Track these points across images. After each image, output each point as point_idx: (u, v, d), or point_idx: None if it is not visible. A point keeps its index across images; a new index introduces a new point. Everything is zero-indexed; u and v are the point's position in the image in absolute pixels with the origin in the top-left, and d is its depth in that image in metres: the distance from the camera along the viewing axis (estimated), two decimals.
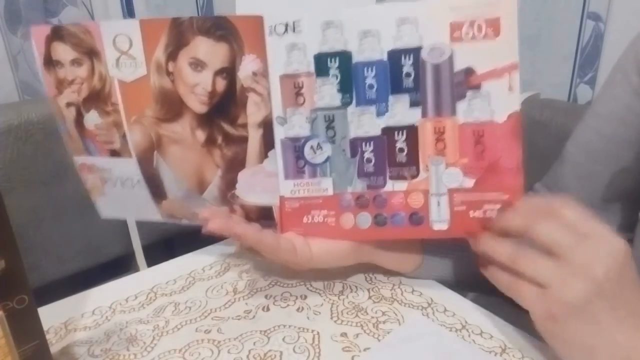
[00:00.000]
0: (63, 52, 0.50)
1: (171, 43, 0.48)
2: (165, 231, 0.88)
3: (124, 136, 0.51)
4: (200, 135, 0.50)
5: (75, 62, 0.51)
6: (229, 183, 0.50)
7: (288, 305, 0.51)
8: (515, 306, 0.40)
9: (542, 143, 0.73)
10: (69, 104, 0.53)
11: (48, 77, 0.52)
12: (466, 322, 0.48)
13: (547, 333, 0.38)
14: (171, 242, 0.94)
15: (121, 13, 0.93)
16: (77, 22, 0.51)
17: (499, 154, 0.43)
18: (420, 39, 0.43)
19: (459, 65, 0.43)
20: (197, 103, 0.49)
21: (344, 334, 0.46)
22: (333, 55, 0.46)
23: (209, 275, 0.56)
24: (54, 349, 0.46)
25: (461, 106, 0.44)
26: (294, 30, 0.46)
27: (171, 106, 0.50)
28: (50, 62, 0.51)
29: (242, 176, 0.50)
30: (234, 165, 0.50)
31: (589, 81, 0.97)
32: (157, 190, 0.52)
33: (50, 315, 0.49)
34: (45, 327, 0.38)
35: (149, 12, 0.95)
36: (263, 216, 0.49)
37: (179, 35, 0.48)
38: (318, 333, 0.47)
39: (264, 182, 0.49)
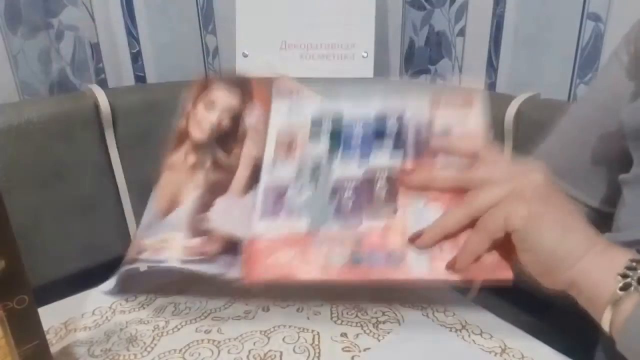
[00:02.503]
0: None
1: (197, 94, 0.56)
2: None
3: None
4: (191, 158, 0.51)
5: None
6: (204, 205, 0.48)
7: (288, 305, 0.51)
8: (516, 306, 0.40)
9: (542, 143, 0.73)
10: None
11: None
12: (466, 322, 0.48)
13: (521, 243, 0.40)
14: None
15: (121, 13, 0.93)
16: None
17: None
18: (404, 109, 0.52)
19: (439, 127, 0.50)
20: (199, 132, 0.52)
21: (344, 334, 0.46)
22: (327, 117, 0.53)
23: None
24: (54, 349, 0.46)
25: (440, 159, 0.48)
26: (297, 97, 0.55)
27: (179, 137, 0.53)
28: None
29: (220, 201, 0.48)
30: (215, 190, 0.49)
31: (589, 81, 0.97)
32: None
33: (51, 315, 0.48)
34: (45, 327, 0.38)
35: (149, 13, 0.94)
36: (226, 250, 0.46)
37: (203, 85, 0.56)
38: (318, 333, 0.47)
39: (240, 214, 0.47)
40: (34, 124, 0.73)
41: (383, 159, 0.49)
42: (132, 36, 0.95)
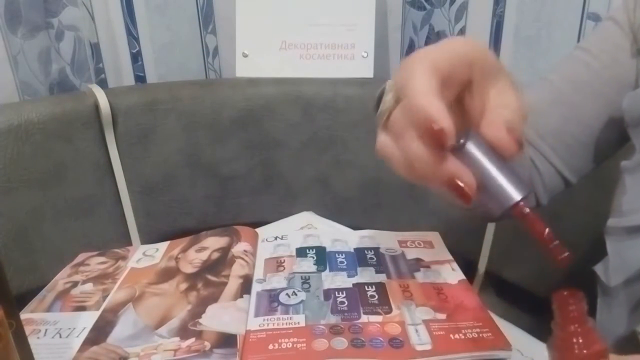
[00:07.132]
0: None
1: (188, 245, 0.61)
2: (165, 232, 0.88)
3: (105, 296, 0.53)
4: (183, 286, 0.53)
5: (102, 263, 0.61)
6: (196, 314, 0.48)
7: None
8: (518, 308, 0.40)
9: None
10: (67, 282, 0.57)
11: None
12: None
13: None
14: None
15: (121, 14, 0.92)
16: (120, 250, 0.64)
17: (461, 299, 0.49)
18: (378, 244, 0.60)
19: (410, 256, 0.57)
20: (190, 268, 0.57)
21: None
22: (311, 247, 0.60)
23: None
24: None
25: (418, 275, 0.54)
26: (281, 239, 0.62)
27: (169, 276, 0.56)
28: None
29: (211, 308, 0.49)
30: (207, 302, 0.50)
31: None
32: (95, 336, 0.47)
33: None
34: None
35: (149, 13, 0.94)
36: (222, 344, 0.44)
37: (195, 239, 0.62)
38: None
39: (232, 314, 0.48)
40: (34, 124, 0.73)
41: (368, 277, 0.54)
42: (132, 36, 0.95)
